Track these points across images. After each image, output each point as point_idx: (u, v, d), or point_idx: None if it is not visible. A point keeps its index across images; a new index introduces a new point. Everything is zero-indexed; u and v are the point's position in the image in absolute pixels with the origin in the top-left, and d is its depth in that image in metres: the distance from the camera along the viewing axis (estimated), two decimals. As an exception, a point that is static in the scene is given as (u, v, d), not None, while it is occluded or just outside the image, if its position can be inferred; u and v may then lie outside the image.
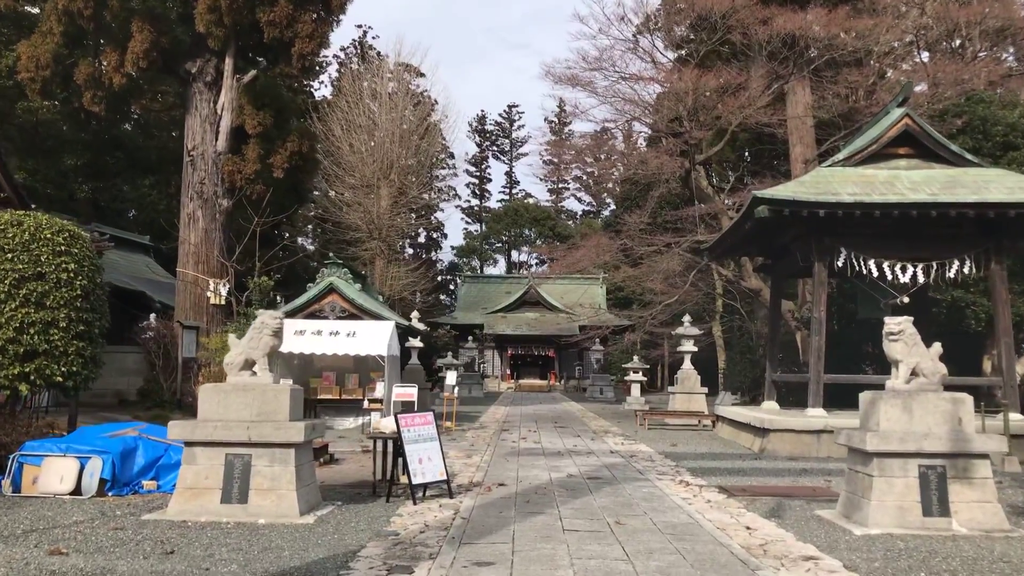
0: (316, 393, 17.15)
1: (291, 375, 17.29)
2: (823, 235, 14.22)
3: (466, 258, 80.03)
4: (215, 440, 7.16)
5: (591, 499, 8.47)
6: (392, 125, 39.52)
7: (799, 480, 10.39)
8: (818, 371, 14.29)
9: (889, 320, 7.60)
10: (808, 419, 13.59)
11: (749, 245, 17.48)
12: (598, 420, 22.01)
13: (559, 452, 13.20)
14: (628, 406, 28.89)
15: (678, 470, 11.14)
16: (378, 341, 15.89)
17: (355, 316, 17.50)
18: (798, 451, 13.28)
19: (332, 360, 17.13)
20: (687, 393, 21.60)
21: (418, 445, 8.24)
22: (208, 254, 20.61)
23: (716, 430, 18.12)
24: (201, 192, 20.69)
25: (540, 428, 18.53)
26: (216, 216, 20.88)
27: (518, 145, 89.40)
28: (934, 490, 6.98)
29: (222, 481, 7.11)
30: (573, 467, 11.17)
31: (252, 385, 7.39)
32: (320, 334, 16.08)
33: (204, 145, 20.82)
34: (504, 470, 10.75)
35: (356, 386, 17.37)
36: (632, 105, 22.47)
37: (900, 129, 14.51)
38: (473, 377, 40.11)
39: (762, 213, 13.51)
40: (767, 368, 17.78)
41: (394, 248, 41.90)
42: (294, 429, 7.16)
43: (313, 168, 22.58)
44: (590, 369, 48.93)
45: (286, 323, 16.79)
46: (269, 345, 7.51)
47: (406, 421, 8.27)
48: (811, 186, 14.04)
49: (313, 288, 17.66)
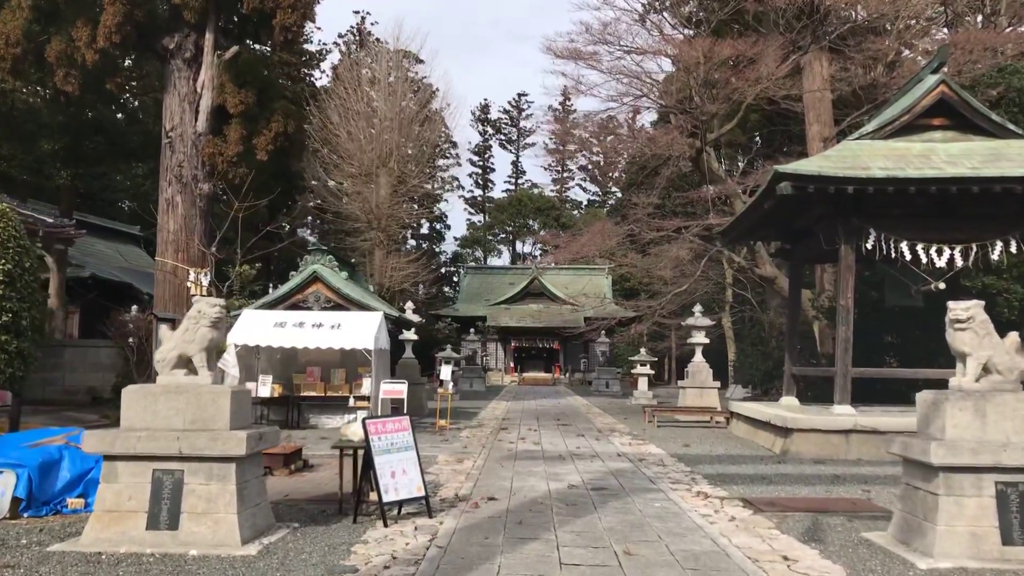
0: (299, 390, 15.94)
1: (272, 371, 16.10)
2: (850, 215, 12.91)
3: (469, 249, 78.82)
4: (140, 453, 5.92)
5: (595, 518, 7.21)
6: (391, 112, 38.41)
7: (833, 490, 9.11)
8: (845, 364, 13.00)
9: (955, 305, 6.30)
10: (836, 417, 12.31)
11: (766, 228, 16.16)
12: (604, 416, 20.76)
13: (560, 455, 11.95)
14: (635, 400, 27.64)
15: (694, 477, 9.88)
16: (365, 333, 14.66)
17: (341, 307, 16.29)
18: (825, 453, 12.01)
19: (317, 354, 15.89)
20: (699, 388, 20.32)
21: (390, 456, 6.99)
22: (188, 242, 19.37)
23: (731, 428, 16.85)
24: (180, 176, 19.44)
25: (541, 426, 17.30)
26: (196, 201, 19.63)
27: (526, 135, 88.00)
28: (1015, 513, 5.70)
29: (148, 503, 5.88)
30: (575, 475, 9.92)
31: (185, 387, 6.15)
32: (302, 326, 14.86)
33: (183, 126, 19.56)
34: (497, 479, 9.50)
35: (343, 382, 16.15)
36: (638, 81, 21.11)
37: (935, 98, 13.16)
38: (475, 371, 38.90)
39: (784, 190, 12.20)
40: (786, 361, 16.49)
41: (394, 238, 40.78)
42: (234, 440, 5.91)
43: (300, 150, 21.34)
44: (595, 362, 47.73)
45: (266, 315, 15.63)
46: (207, 338, 6.26)
47: (376, 427, 7.01)
48: (838, 160, 12.71)
49: (295, 277, 16.43)
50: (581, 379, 49.03)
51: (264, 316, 15.22)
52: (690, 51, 18.06)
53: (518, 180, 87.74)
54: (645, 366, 28.67)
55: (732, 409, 16.89)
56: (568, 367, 51.55)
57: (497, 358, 52.76)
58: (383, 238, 38.96)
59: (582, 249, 23.57)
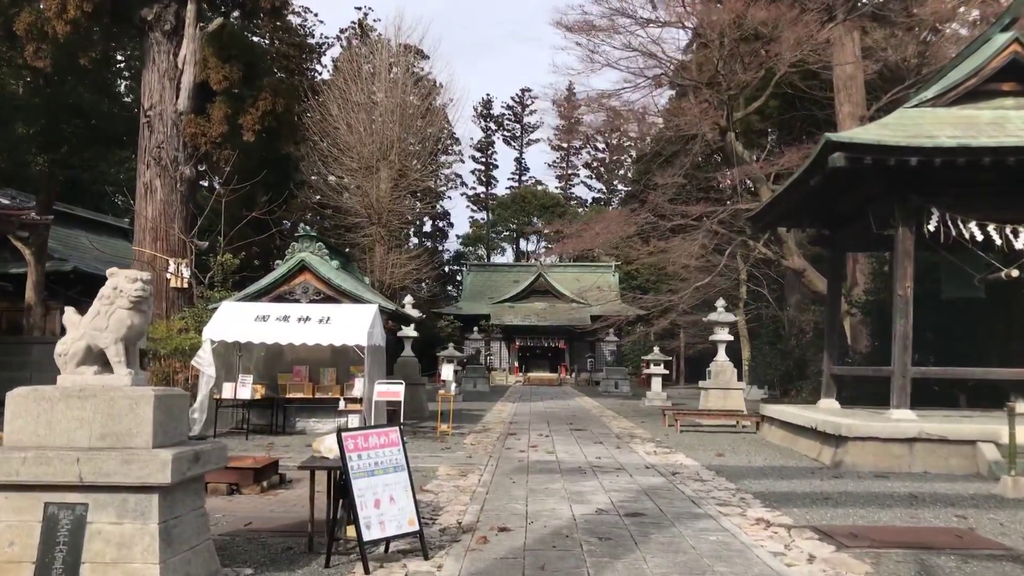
0: (285, 391, 14.35)
1: (255, 370, 14.53)
2: (909, 192, 11.31)
3: (472, 247, 77.35)
4: (25, 481, 4.33)
5: (638, 559, 5.60)
6: (391, 103, 37.15)
7: (917, 515, 7.49)
8: (904, 363, 11.38)
9: None
10: (897, 424, 10.68)
11: (804, 212, 14.53)
12: (619, 420, 19.16)
13: (580, 468, 10.35)
14: (649, 402, 26.08)
15: (743, 497, 8.27)
16: (357, 328, 13.06)
17: (332, 299, 14.70)
18: (885, 465, 10.39)
19: (305, 352, 14.28)
20: (722, 389, 18.70)
21: (374, 480, 5.39)
22: (167, 230, 17.81)
23: (762, 433, 15.24)
24: (159, 158, 17.88)
25: (553, 431, 15.70)
26: (177, 186, 18.05)
27: (529, 131, 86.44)
28: None
29: (37, 550, 4.29)
30: (602, 494, 8.31)
31: (93, 389, 4.56)
32: (287, 320, 13.27)
33: (163, 104, 17.99)
34: (508, 499, 7.90)
35: (333, 382, 14.56)
36: (654, 60, 19.47)
37: (1007, 59, 11.57)
38: (478, 370, 37.30)
39: (837, 162, 10.59)
40: (825, 360, 14.86)
41: (395, 234, 39.44)
42: (157, 462, 4.32)
43: (291, 132, 19.76)
44: (603, 361, 46.15)
45: (247, 308, 14.04)
46: (125, 324, 4.67)
47: (355, 442, 5.40)
48: (897, 129, 11.11)
49: (281, 266, 14.84)
50: (588, 379, 47.45)
51: (244, 309, 13.64)
52: (716, 17, 16.41)
53: (521, 177, 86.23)
54: (659, 365, 27.11)
55: (764, 413, 15.28)
56: (574, 367, 49.98)
57: (501, 357, 51.21)
58: (384, 233, 37.65)
59: (594, 239, 21.93)
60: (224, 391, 13.21)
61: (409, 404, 18.48)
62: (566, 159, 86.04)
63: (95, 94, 24.02)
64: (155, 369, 13.77)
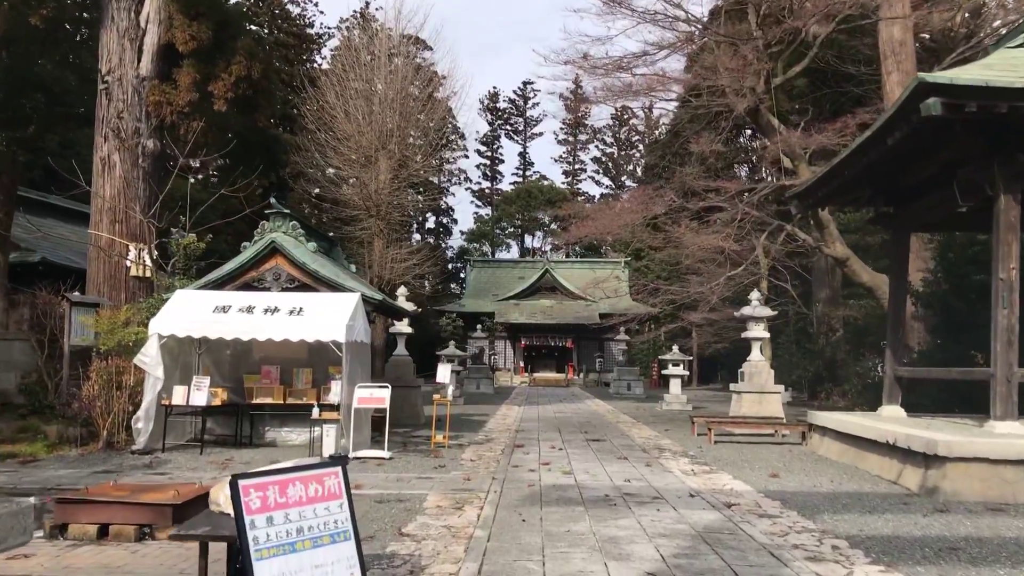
0: (252, 396, 12.15)
1: (219, 371, 12.39)
2: (1016, 150, 9.10)
3: (476, 243, 75.26)
4: None
5: None
6: (390, 90, 35.27)
7: (1100, 579, 5.27)
8: (1008, 363, 9.15)
9: None
10: (1009, 441, 8.44)
11: (864, 185, 12.29)
12: (639, 427, 16.94)
13: (607, 497, 8.13)
14: (667, 405, 23.87)
15: (835, 546, 6.05)
16: (334, 321, 10.88)
17: (308, 287, 12.52)
18: (996, 494, 8.16)
19: (276, 348, 12.15)
20: (758, 393, 16.49)
21: (296, 559, 3.20)
22: (128, 210, 15.68)
23: (810, 446, 13.00)
24: (118, 129, 15.74)
25: (567, 442, 13.50)
26: (139, 161, 15.91)
27: (533, 124, 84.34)
28: None
29: None
30: (645, 542, 6.10)
31: None
32: (251, 311, 11.10)
33: (122, 68, 15.85)
34: (518, 553, 5.70)
35: (309, 385, 12.36)
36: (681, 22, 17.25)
37: None
38: (482, 370, 35.13)
39: (932, 110, 8.40)
40: (887, 359, 12.61)
41: (394, 227, 37.47)
42: None
43: (268, 101, 17.58)
44: (612, 361, 43.82)
45: (205, 297, 11.86)
46: None
47: (263, 496, 3.21)
48: (1006, 70, 8.89)
49: (248, 248, 12.64)
50: (597, 380, 45.24)
51: (202, 298, 11.47)
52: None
53: (526, 172, 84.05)
54: (678, 366, 24.88)
55: (813, 421, 13.03)
56: (582, 367, 47.79)
57: (506, 357, 49.05)
58: (383, 227, 35.68)
59: (614, 220, 19.68)
60: (174, 396, 11.03)
61: (402, 410, 16.33)
62: (573, 153, 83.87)
63: (59, 67, 21.94)
64: (98, 369, 11.60)
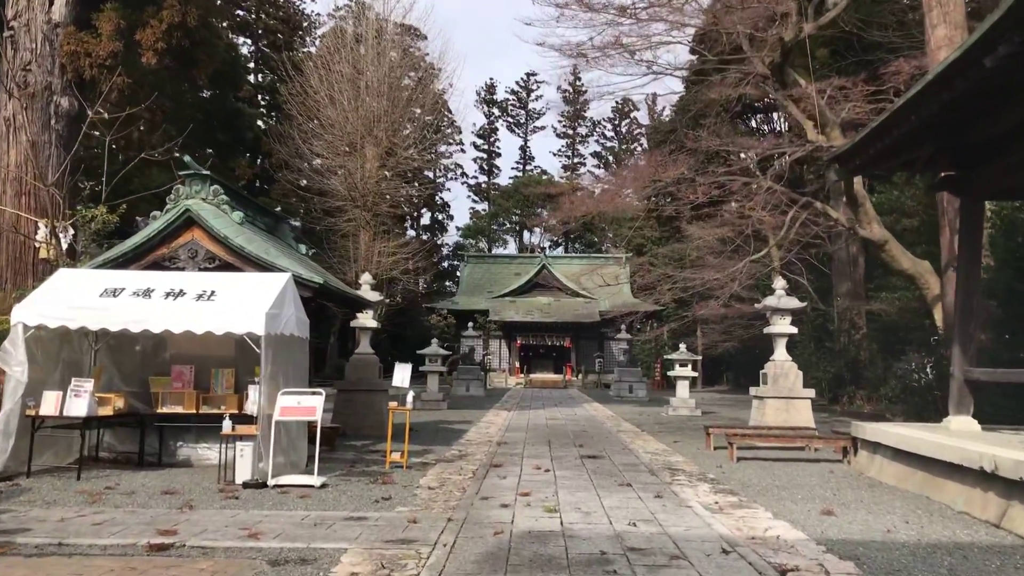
0: (159, 403, 9.65)
1: (120, 372, 9.91)
2: None
3: (472, 239, 72.88)
4: None
5: None
6: (377, 74, 33.16)
7: None
8: None
9: None
10: None
11: (922, 141, 9.81)
12: (644, 438, 14.46)
13: (603, 554, 5.63)
14: (674, 410, 21.43)
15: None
16: (252, 308, 8.40)
17: (233, 268, 10.04)
18: None
19: (190, 344, 9.64)
20: (784, 399, 14.02)
21: None
22: (36, 181, 13.18)
23: (857, 466, 10.52)
24: (25, 84, 13.28)
25: (556, 460, 11.01)
26: (51, 123, 13.44)
27: (535, 117, 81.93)
28: None
29: None
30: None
31: None
32: (148, 295, 8.62)
33: (31, 11, 13.39)
34: None
35: (230, 390, 9.85)
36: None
37: None
38: (473, 371, 32.61)
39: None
40: (954, 359, 10.09)
41: (382, 218, 35.15)
42: None
43: (209, 56, 15.05)
44: (612, 361, 41.28)
45: (91, 277, 9.31)
46: None
47: None
48: None
49: (158, 218, 10.14)
50: (596, 381, 42.79)
51: (89, 279, 8.99)
52: None
53: (526, 167, 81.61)
54: (686, 366, 22.42)
55: (861, 435, 10.54)
56: (581, 367, 45.35)
57: (501, 357, 46.61)
58: (369, 218, 33.36)
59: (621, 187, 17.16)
60: (43, 404, 8.52)
61: (365, 419, 13.87)
62: (572, 147, 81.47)
63: None
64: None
